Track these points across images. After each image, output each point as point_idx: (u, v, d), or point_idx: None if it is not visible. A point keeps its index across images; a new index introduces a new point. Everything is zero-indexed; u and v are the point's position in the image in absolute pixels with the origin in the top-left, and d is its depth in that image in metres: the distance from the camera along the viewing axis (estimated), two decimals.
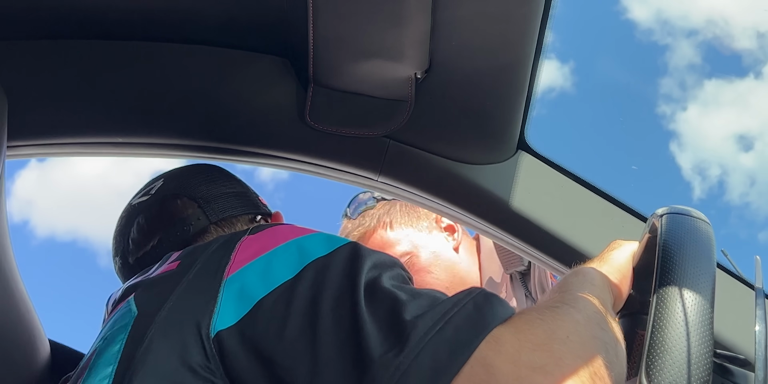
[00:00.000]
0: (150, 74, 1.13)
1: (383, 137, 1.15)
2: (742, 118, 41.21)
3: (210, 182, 1.10)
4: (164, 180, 1.11)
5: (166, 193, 1.08)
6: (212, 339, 0.72)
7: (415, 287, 0.76)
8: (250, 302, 0.74)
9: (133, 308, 0.83)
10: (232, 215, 1.06)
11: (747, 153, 36.64)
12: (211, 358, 0.71)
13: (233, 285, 0.77)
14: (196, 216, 1.04)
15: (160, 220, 1.05)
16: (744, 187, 40.91)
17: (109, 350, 0.80)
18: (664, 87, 49.40)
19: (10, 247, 0.95)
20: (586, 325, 0.69)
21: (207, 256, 0.84)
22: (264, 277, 0.77)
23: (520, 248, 1.22)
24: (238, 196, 1.10)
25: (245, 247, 0.83)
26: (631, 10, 56.30)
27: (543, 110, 1.20)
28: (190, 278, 0.81)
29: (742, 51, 26.22)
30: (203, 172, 1.13)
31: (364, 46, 1.03)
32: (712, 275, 0.73)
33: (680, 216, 0.84)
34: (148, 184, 1.12)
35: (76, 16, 1.10)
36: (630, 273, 0.94)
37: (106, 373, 0.77)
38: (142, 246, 1.04)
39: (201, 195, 1.07)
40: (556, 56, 5.92)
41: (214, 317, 0.74)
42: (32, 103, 1.10)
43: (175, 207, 1.05)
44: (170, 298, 0.79)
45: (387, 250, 1.67)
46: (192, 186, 1.08)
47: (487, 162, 1.18)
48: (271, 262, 0.79)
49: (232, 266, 0.80)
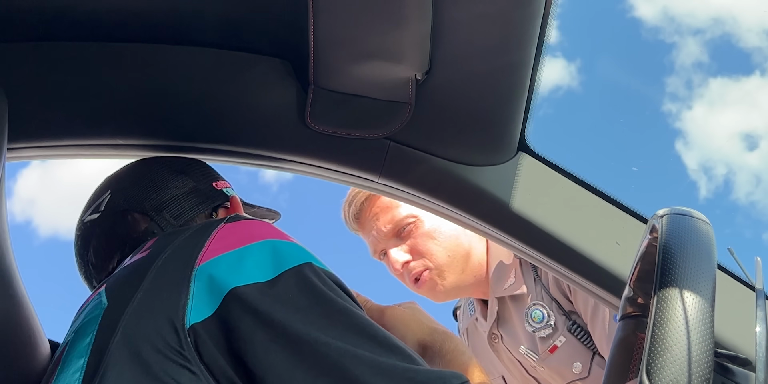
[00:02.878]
0: (151, 76, 1.14)
1: (384, 139, 1.15)
2: (748, 117, 41.19)
3: (158, 187, 1.06)
4: (111, 192, 1.07)
5: (116, 209, 1.04)
6: (187, 330, 0.73)
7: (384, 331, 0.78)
8: (220, 295, 0.75)
9: (103, 299, 0.83)
10: (188, 218, 1.04)
11: (752, 152, 36.61)
12: (186, 348, 0.72)
13: (204, 273, 0.77)
14: (150, 231, 1.02)
15: (114, 242, 1.02)
16: (750, 186, 40.83)
17: (81, 342, 0.80)
18: (670, 85, 49.36)
19: (11, 249, 0.95)
20: None
21: (179, 242, 0.84)
22: (235, 270, 0.77)
23: (521, 250, 1.22)
24: (190, 193, 1.07)
25: (222, 236, 0.83)
26: (637, 8, 56.29)
27: (549, 110, 1.21)
28: (159, 265, 0.81)
29: (749, 49, 26.24)
30: (148, 175, 1.08)
31: (365, 48, 1.03)
32: (712, 276, 0.73)
33: (681, 217, 0.84)
34: (96, 196, 1.08)
35: (77, 19, 1.10)
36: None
37: (79, 366, 0.77)
38: (103, 269, 1.03)
39: (150, 206, 1.04)
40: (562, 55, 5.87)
41: (188, 310, 0.74)
42: (33, 105, 1.11)
43: (126, 225, 1.03)
44: (140, 287, 0.79)
45: (393, 211, 1.65)
46: (140, 197, 1.05)
47: (488, 163, 1.18)
48: (245, 258, 0.79)
49: (205, 254, 0.80)
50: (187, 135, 1.17)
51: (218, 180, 1.13)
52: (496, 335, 1.71)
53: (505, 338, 1.69)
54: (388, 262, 1.69)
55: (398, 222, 1.65)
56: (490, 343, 1.72)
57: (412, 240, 1.65)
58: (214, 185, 1.11)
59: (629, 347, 0.88)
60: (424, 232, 1.65)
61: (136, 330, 0.74)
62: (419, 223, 1.65)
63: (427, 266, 1.65)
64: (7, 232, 0.94)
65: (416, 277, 1.66)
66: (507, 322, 1.68)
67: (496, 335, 1.71)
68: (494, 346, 1.72)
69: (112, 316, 0.78)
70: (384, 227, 1.66)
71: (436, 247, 1.65)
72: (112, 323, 0.77)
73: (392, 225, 1.65)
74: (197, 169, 1.12)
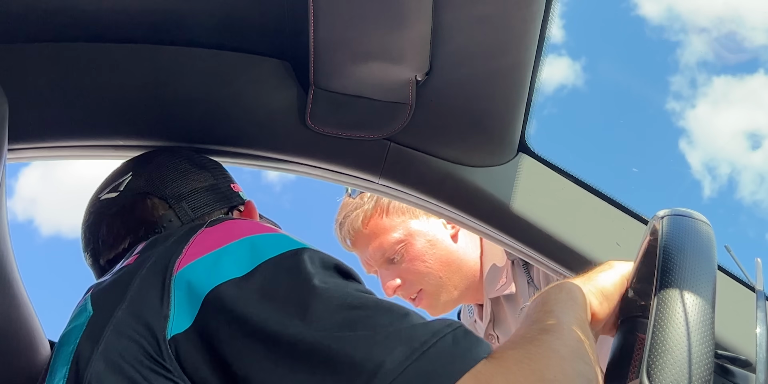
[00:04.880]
0: (151, 77, 1.14)
1: (384, 140, 1.16)
2: (753, 116, 41.11)
3: (180, 177, 1.05)
4: (133, 174, 1.06)
5: (136, 191, 1.03)
6: (168, 341, 0.72)
7: (377, 297, 0.75)
8: (198, 300, 0.74)
9: (89, 307, 0.83)
10: (205, 213, 1.03)
11: (757, 151, 36.55)
12: (168, 359, 0.71)
13: (182, 280, 0.76)
14: (167, 218, 1.01)
15: (130, 223, 1.01)
16: (754, 185, 40.75)
17: (65, 350, 0.80)
18: (674, 84, 49.36)
19: (11, 250, 0.95)
20: (571, 361, 0.68)
21: (163, 249, 0.83)
22: (211, 272, 0.76)
23: (521, 250, 1.22)
24: (210, 189, 1.06)
25: (200, 240, 0.82)
26: (641, 7, 56.28)
27: (554, 109, 1.21)
28: (143, 275, 0.80)
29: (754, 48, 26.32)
30: (172, 164, 1.07)
31: (365, 49, 1.03)
32: (712, 277, 0.73)
33: (681, 218, 0.84)
34: (116, 177, 1.07)
35: (78, 19, 1.10)
36: (616, 297, 0.92)
37: (62, 374, 0.77)
38: (113, 248, 1.01)
39: (171, 194, 1.03)
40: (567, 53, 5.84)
41: (170, 321, 0.73)
42: (33, 106, 1.11)
43: (145, 208, 1.02)
44: (125, 298, 0.78)
45: (381, 237, 1.66)
46: (162, 183, 1.04)
47: (488, 164, 1.18)
48: (221, 258, 0.78)
49: (182, 260, 0.79)
50: (188, 136, 1.17)
51: (234, 183, 1.13)
52: (493, 336, 1.71)
53: (502, 339, 1.69)
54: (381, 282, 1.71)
55: (387, 249, 1.66)
56: None
57: (404, 264, 1.66)
58: (232, 186, 1.11)
59: (629, 348, 0.88)
60: (414, 255, 1.66)
61: (119, 341, 0.74)
62: (408, 247, 1.66)
63: (420, 289, 1.67)
64: (7, 234, 0.94)
65: (413, 297, 1.68)
66: (502, 322, 1.69)
67: (492, 336, 1.71)
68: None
69: (96, 327, 0.78)
70: (374, 254, 1.67)
71: (428, 269, 1.66)
72: (95, 334, 0.77)
73: (381, 252, 1.67)
74: (216, 167, 1.12)
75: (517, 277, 1.63)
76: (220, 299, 0.73)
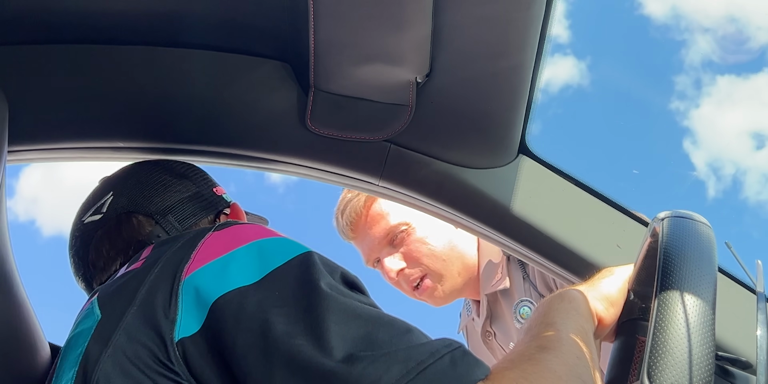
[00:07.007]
0: (151, 79, 1.14)
1: (384, 141, 1.16)
2: (757, 116, 41.08)
3: (162, 191, 1.05)
4: (113, 193, 1.05)
5: (119, 211, 1.02)
6: (176, 344, 0.72)
7: (380, 310, 0.75)
8: (206, 307, 0.74)
9: (96, 311, 0.83)
10: (192, 223, 1.03)
11: (761, 151, 36.53)
12: (176, 362, 0.72)
13: (190, 286, 0.76)
14: (155, 234, 1.00)
15: (119, 244, 1.01)
16: (759, 185, 40.73)
17: (72, 353, 0.81)
18: (678, 84, 49.41)
19: (11, 252, 0.95)
20: (567, 381, 0.68)
21: (170, 254, 0.83)
22: (220, 279, 0.76)
23: (521, 252, 1.22)
24: (193, 199, 1.06)
25: (208, 245, 0.82)
26: (646, 6, 56.37)
27: (559, 109, 1.21)
28: (151, 279, 0.80)
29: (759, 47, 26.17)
30: (152, 178, 1.07)
31: (365, 51, 1.03)
32: (713, 278, 0.73)
33: (681, 220, 0.84)
34: (97, 197, 1.06)
35: (78, 21, 1.10)
36: (621, 302, 0.92)
37: (70, 376, 0.77)
38: (105, 271, 1.01)
39: (156, 209, 1.02)
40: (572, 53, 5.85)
41: (177, 325, 0.74)
42: (33, 108, 1.11)
43: (131, 227, 1.01)
44: (133, 302, 0.78)
45: (383, 220, 1.66)
46: (144, 199, 1.03)
47: (488, 166, 1.18)
48: (229, 264, 0.78)
49: (191, 266, 0.79)
50: (188, 138, 1.17)
51: (217, 186, 1.13)
52: (490, 332, 1.72)
53: (498, 335, 1.70)
54: (382, 270, 1.70)
55: (391, 230, 1.66)
56: (484, 340, 1.73)
57: (405, 247, 1.66)
58: (214, 191, 1.11)
59: (629, 350, 0.88)
60: (417, 238, 1.66)
61: (128, 344, 0.74)
62: (411, 229, 1.66)
63: (425, 272, 1.66)
64: (7, 236, 0.94)
65: (416, 284, 1.67)
66: (499, 319, 1.69)
67: (489, 332, 1.72)
68: (488, 343, 1.73)
69: (104, 330, 0.78)
70: (377, 235, 1.66)
71: (431, 252, 1.65)
72: (104, 337, 0.77)
73: (384, 233, 1.66)
74: (197, 174, 1.12)
75: (512, 273, 1.63)
76: (228, 307, 0.73)
